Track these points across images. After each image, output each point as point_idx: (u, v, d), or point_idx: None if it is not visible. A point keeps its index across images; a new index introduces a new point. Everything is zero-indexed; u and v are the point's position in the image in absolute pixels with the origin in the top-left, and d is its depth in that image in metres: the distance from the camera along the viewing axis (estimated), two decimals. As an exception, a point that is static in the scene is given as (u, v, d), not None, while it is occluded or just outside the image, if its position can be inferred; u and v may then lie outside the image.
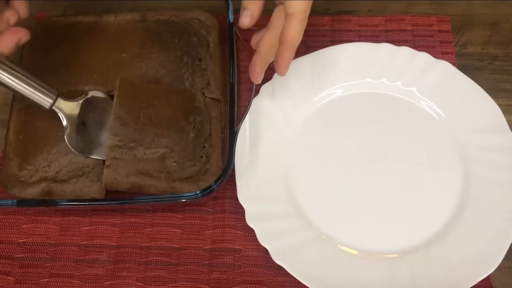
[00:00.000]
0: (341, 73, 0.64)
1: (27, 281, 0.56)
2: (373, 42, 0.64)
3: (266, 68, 0.56)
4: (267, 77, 0.63)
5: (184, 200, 0.54)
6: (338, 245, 0.56)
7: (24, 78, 0.52)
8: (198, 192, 0.53)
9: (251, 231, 0.56)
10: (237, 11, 0.68)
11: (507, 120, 0.59)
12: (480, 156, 0.59)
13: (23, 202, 0.56)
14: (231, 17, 0.61)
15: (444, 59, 0.63)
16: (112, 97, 0.59)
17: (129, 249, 0.58)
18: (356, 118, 0.62)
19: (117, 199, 0.58)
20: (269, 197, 0.57)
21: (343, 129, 0.62)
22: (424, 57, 0.62)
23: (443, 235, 0.55)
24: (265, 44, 0.54)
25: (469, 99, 0.61)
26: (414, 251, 0.55)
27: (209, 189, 0.53)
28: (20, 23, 0.64)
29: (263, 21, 0.69)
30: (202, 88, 0.61)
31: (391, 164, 0.58)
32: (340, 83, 0.64)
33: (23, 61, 0.62)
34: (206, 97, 0.61)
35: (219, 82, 0.62)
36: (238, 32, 0.61)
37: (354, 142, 0.61)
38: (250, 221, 0.55)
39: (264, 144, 0.60)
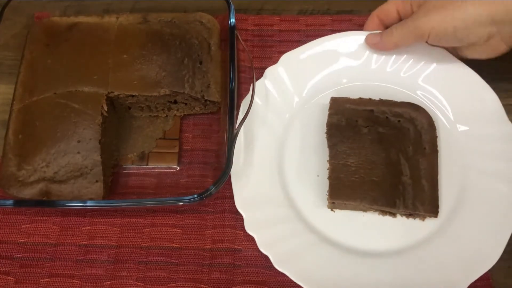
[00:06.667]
0: (337, 66, 0.63)
1: (27, 281, 0.56)
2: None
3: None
4: (258, 76, 0.62)
5: (181, 203, 0.54)
6: (339, 248, 0.56)
7: None
8: (195, 195, 0.53)
9: (251, 231, 0.56)
10: (238, 12, 0.69)
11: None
12: (478, 147, 0.58)
13: (20, 202, 0.56)
14: (232, 19, 0.61)
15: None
16: (110, 98, 0.59)
17: (129, 249, 0.58)
18: None
19: (114, 201, 0.58)
20: (267, 203, 0.57)
21: None
22: (421, 46, 0.61)
23: (444, 231, 0.55)
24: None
25: (467, 88, 0.60)
26: (415, 248, 0.55)
27: (207, 193, 0.53)
28: (20, 23, 0.64)
29: (256, 20, 0.69)
30: (202, 90, 0.61)
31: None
32: (336, 78, 0.63)
33: (23, 61, 0.62)
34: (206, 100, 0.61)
35: (219, 85, 0.62)
36: (238, 34, 0.61)
37: None
38: (250, 229, 0.55)
39: (258, 147, 0.60)
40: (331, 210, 0.58)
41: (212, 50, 0.63)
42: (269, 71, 0.62)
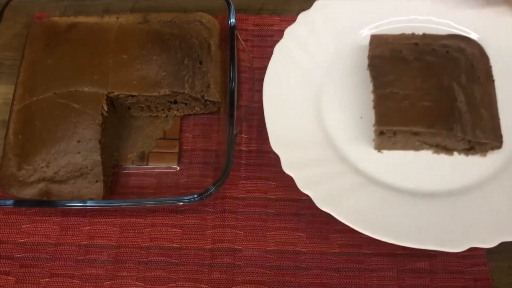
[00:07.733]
0: (375, 9, 0.61)
1: (27, 281, 0.56)
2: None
3: None
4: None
5: (181, 203, 0.55)
6: (389, 188, 0.52)
7: None
8: (195, 195, 0.53)
9: (251, 230, 0.56)
10: (238, 12, 0.69)
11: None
12: None
13: (20, 202, 0.56)
14: (232, 19, 0.61)
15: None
16: (110, 98, 0.59)
17: (129, 249, 0.58)
18: None
19: (114, 201, 0.58)
20: (306, 143, 0.55)
21: None
22: None
23: (510, 166, 0.52)
24: None
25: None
26: (477, 187, 0.52)
27: (207, 193, 0.53)
28: (20, 23, 0.64)
29: (256, 20, 0.70)
30: (202, 90, 0.61)
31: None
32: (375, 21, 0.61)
33: (23, 61, 0.62)
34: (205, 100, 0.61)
35: (219, 85, 0.62)
36: (238, 34, 0.61)
37: None
38: (287, 168, 0.52)
39: (294, 90, 0.58)
40: (378, 151, 0.55)
41: (212, 50, 0.64)
42: (302, 16, 0.61)
